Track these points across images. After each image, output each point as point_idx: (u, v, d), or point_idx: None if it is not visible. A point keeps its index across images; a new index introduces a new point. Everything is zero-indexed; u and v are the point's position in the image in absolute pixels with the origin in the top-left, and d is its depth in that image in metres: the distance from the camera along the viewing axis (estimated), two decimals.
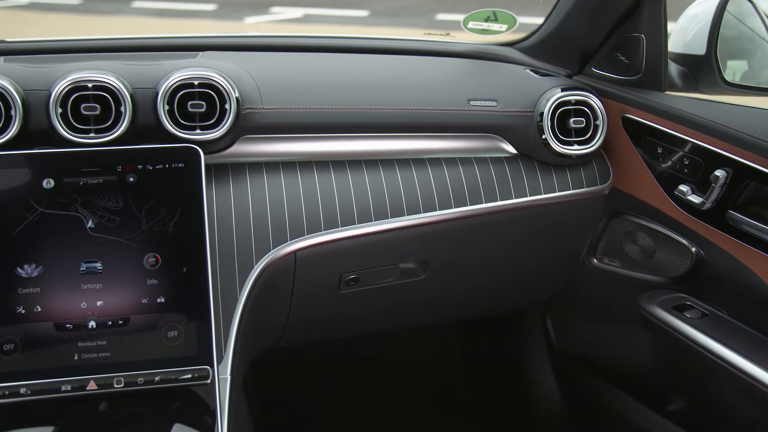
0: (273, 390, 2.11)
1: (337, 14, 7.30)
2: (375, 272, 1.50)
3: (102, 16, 7.34)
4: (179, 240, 1.24)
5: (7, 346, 1.17)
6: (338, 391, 2.24)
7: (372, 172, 1.45)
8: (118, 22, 7.15)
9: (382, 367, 2.28)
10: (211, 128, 1.34)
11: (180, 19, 7.23)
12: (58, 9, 7.48)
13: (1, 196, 1.23)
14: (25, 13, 7.09)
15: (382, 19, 7.19)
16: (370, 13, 7.37)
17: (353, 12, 7.35)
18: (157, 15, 7.34)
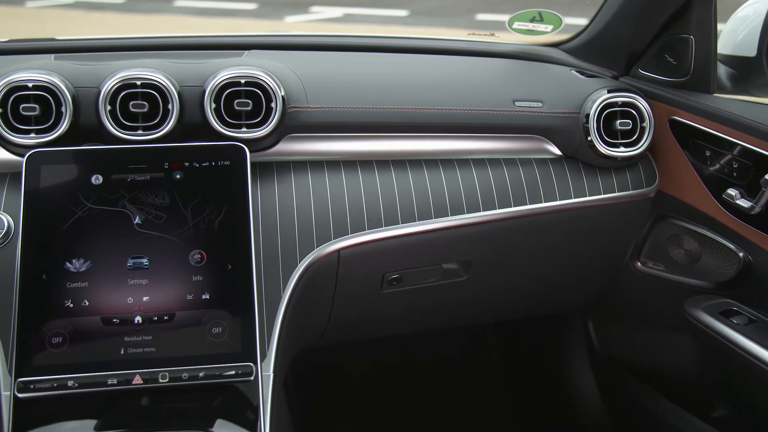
0: (310, 388, 2.11)
1: (376, 14, 7.31)
2: (417, 272, 1.50)
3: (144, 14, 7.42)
4: (224, 237, 1.25)
5: (56, 339, 1.18)
6: (374, 392, 2.24)
7: (416, 172, 1.44)
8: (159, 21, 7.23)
9: (419, 367, 2.27)
10: (257, 126, 1.35)
11: (221, 18, 7.29)
12: (102, 8, 7.58)
13: (52, 191, 1.25)
14: (70, 12, 7.20)
15: (422, 19, 7.18)
16: (410, 13, 7.36)
17: (393, 12, 7.35)
18: (198, 14, 7.41)
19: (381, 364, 2.25)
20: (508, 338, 2.29)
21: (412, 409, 2.22)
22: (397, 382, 2.26)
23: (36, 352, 1.17)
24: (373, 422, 2.18)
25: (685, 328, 1.47)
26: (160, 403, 1.21)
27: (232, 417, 1.21)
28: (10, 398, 1.16)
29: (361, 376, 2.26)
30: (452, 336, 2.25)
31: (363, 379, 2.26)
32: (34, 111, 1.30)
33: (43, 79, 1.30)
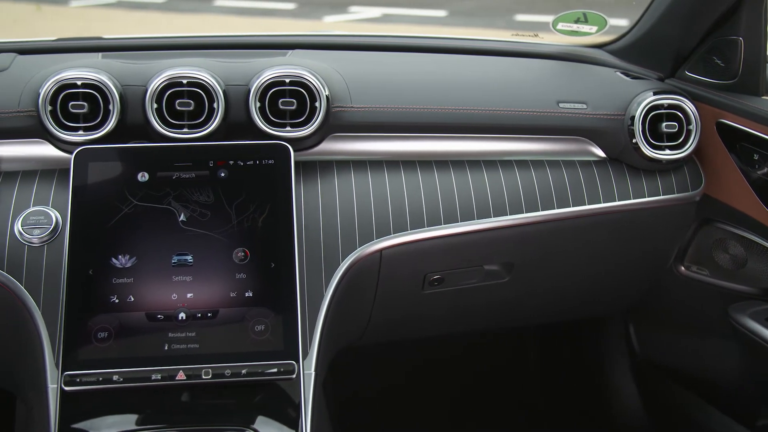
0: (349, 388, 2.12)
1: (415, 14, 7.30)
2: (459, 273, 1.49)
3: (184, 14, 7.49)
4: (268, 235, 1.26)
5: (102, 334, 1.20)
6: (409, 391, 2.24)
7: (459, 173, 1.44)
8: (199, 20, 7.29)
9: (454, 368, 2.27)
10: (301, 126, 1.36)
11: (260, 17, 7.33)
12: (143, 7, 7.67)
13: (99, 188, 1.27)
14: (113, 11, 7.29)
15: (460, 20, 7.16)
16: (448, 13, 7.34)
17: (431, 12, 7.34)
18: (238, 13, 7.46)
19: (416, 364, 2.25)
20: (547, 340, 2.27)
21: (446, 409, 2.22)
22: (432, 383, 2.25)
23: (82, 346, 1.19)
24: (406, 422, 2.18)
25: (730, 334, 1.45)
26: (201, 398, 1.22)
27: (273, 414, 1.21)
28: (57, 391, 1.18)
29: (396, 375, 2.26)
30: (489, 337, 2.24)
31: (398, 379, 2.26)
32: (82, 109, 1.32)
33: (91, 78, 1.32)
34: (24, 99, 1.34)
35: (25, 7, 6.94)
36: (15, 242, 1.28)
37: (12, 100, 1.35)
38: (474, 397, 2.25)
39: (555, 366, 2.25)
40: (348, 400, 2.08)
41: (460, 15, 7.25)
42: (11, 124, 1.34)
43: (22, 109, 1.34)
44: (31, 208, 1.30)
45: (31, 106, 1.33)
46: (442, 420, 2.19)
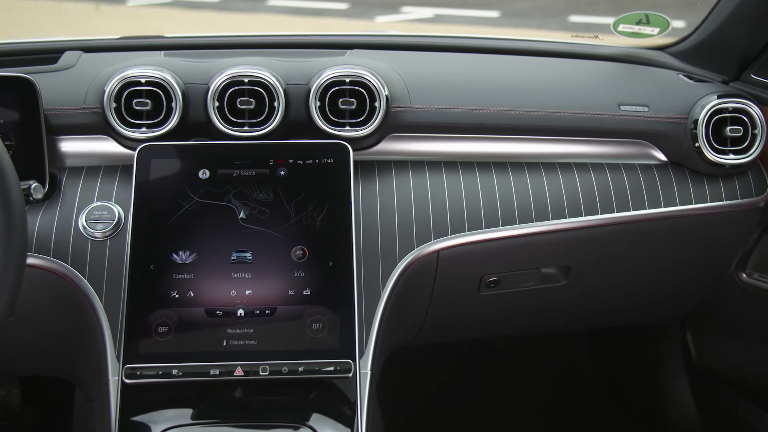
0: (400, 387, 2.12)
1: (467, 15, 7.28)
2: (516, 276, 1.48)
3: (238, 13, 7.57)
4: (326, 234, 1.27)
5: (162, 329, 1.22)
6: (461, 393, 2.23)
7: (517, 175, 1.43)
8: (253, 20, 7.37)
9: (508, 371, 2.25)
10: (361, 125, 1.36)
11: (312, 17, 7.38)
12: (198, 6, 7.77)
13: (161, 184, 1.28)
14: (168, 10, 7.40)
15: (513, 21, 7.12)
16: (501, 14, 7.31)
17: (483, 13, 7.31)
18: (290, 13, 7.51)
19: (467, 364, 2.24)
20: (601, 345, 2.24)
21: (495, 411, 2.20)
22: (482, 384, 2.24)
23: (143, 340, 1.21)
24: (455, 422, 2.18)
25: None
26: (255, 395, 1.23)
27: (329, 412, 1.22)
28: (118, 383, 1.20)
29: (446, 375, 2.25)
30: (542, 340, 2.22)
31: (447, 379, 2.25)
32: (146, 106, 1.34)
33: (155, 75, 1.34)
34: (89, 96, 1.37)
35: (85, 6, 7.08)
36: (79, 236, 1.30)
37: (78, 97, 1.37)
38: (524, 399, 2.23)
39: (608, 371, 2.23)
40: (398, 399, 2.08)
41: (512, 16, 7.20)
42: (77, 120, 1.37)
43: (88, 106, 1.36)
44: (95, 203, 1.33)
45: (96, 103, 1.36)
46: (490, 421, 2.18)
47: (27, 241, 1.10)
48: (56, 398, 2.03)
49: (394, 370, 1.56)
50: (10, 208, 1.07)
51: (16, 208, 1.07)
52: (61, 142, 1.38)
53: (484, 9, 7.38)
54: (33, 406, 2.02)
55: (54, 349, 1.45)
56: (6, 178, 1.07)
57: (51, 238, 1.29)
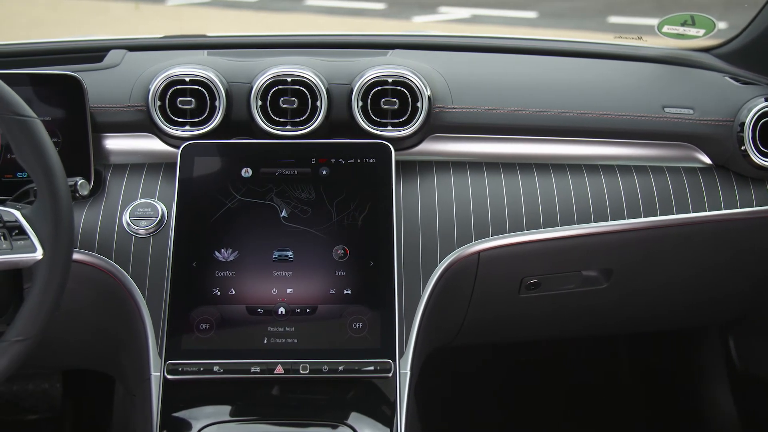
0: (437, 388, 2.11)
1: (504, 15, 7.24)
2: (556, 278, 1.47)
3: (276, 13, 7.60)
4: (367, 234, 1.27)
5: (203, 326, 1.23)
6: (499, 396, 2.22)
7: (559, 177, 1.42)
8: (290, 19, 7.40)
9: (545, 374, 2.24)
10: (403, 125, 1.36)
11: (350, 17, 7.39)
12: (236, 6, 7.82)
13: (204, 182, 1.30)
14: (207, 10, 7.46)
15: (551, 21, 7.07)
16: (539, 14, 7.26)
17: (521, 13, 7.27)
18: (328, 13, 7.53)
19: (505, 368, 2.23)
20: (640, 350, 2.22)
21: (533, 415, 2.19)
22: (521, 388, 2.23)
23: (185, 336, 1.22)
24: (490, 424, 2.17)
25: None
26: (294, 393, 1.24)
27: (368, 411, 1.22)
28: (160, 379, 1.21)
29: (485, 378, 2.24)
30: (580, 344, 2.20)
31: (482, 380, 2.24)
32: (190, 104, 1.35)
33: (199, 74, 1.35)
34: (134, 94, 1.38)
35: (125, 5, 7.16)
36: (123, 233, 1.32)
37: (123, 95, 1.39)
38: (560, 403, 2.21)
39: (646, 376, 2.20)
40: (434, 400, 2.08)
41: (550, 17, 7.15)
42: (122, 118, 1.38)
43: (133, 104, 1.38)
44: (139, 201, 1.34)
45: (140, 101, 1.37)
46: (526, 424, 2.17)
47: (73, 237, 1.12)
48: (97, 392, 2.05)
49: (432, 370, 1.56)
50: (58, 204, 1.08)
51: (63, 204, 1.09)
52: (106, 139, 1.40)
53: (521, 9, 7.34)
54: (74, 399, 2.05)
55: (97, 343, 1.47)
56: (54, 174, 1.09)
57: (96, 235, 1.31)
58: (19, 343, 1.06)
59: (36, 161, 1.08)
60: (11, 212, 1.10)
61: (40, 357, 1.11)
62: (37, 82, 1.35)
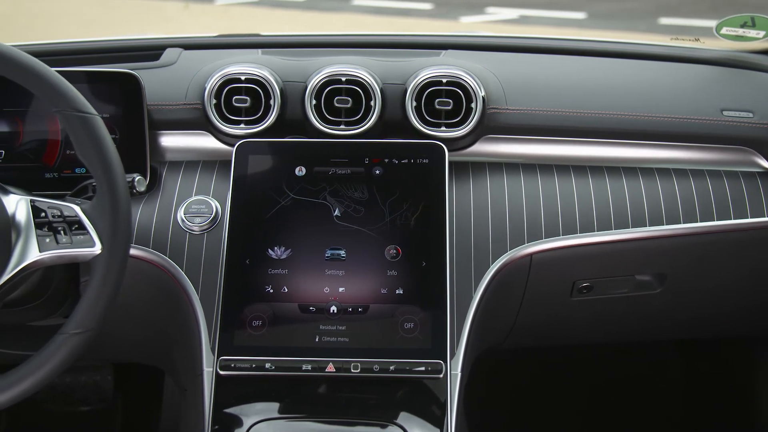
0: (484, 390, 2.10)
1: (553, 16, 7.18)
2: (609, 282, 1.45)
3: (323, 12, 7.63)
4: (420, 234, 1.27)
5: (256, 323, 1.23)
6: (545, 401, 2.20)
7: (614, 179, 1.40)
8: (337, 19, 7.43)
9: (592, 379, 2.21)
10: (456, 126, 1.36)
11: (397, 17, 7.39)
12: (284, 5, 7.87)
13: (258, 180, 1.31)
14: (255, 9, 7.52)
15: (600, 22, 6.99)
16: (587, 15, 7.19)
17: (569, 14, 7.20)
18: (375, 13, 7.54)
19: (553, 371, 2.21)
20: (692, 358, 2.18)
21: (579, 420, 2.17)
22: (568, 392, 2.21)
23: (237, 333, 1.23)
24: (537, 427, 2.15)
25: None
26: (343, 391, 1.24)
27: (418, 412, 1.22)
28: (212, 374, 1.22)
29: (532, 381, 2.22)
30: (630, 349, 2.17)
31: (533, 385, 2.23)
32: (245, 103, 1.36)
33: (254, 73, 1.36)
34: (190, 92, 1.40)
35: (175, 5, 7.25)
36: (177, 229, 1.33)
37: (179, 93, 1.41)
38: (607, 409, 2.19)
39: (698, 385, 2.16)
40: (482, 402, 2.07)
41: (600, 17, 7.08)
42: (178, 115, 1.40)
43: (189, 102, 1.40)
44: (193, 198, 1.35)
45: (196, 99, 1.39)
46: (573, 427, 2.15)
47: (131, 232, 1.13)
48: (146, 385, 2.08)
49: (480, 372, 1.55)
50: (117, 200, 1.10)
51: (121, 200, 1.10)
52: (161, 136, 1.42)
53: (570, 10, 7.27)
54: (124, 391, 2.08)
55: (150, 338, 1.49)
56: (113, 171, 1.10)
57: (151, 230, 1.33)
58: (77, 335, 1.08)
59: (96, 157, 1.10)
60: (71, 207, 1.12)
61: (94, 350, 1.12)
62: (96, 79, 1.37)
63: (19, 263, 1.10)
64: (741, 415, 1.98)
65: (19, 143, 1.37)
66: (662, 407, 2.18)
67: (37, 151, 1.37)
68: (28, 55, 1.11)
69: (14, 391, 1.07)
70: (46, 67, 1.11)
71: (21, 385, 1.07)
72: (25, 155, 1.38)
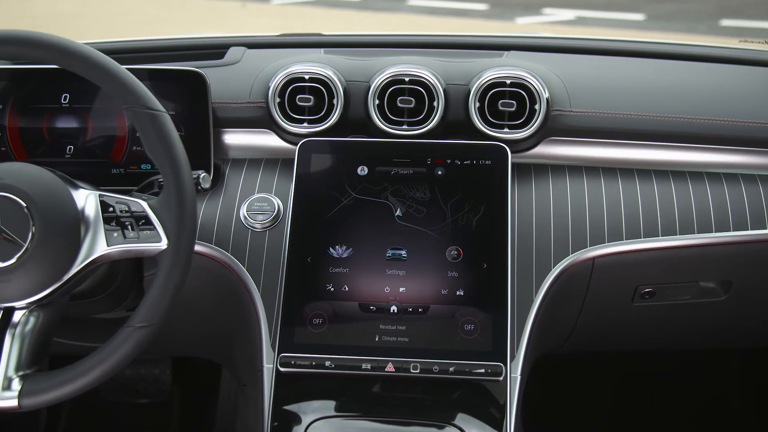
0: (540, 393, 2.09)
1: (610, 17, 7.10)
2: (673, 288, 1.43)
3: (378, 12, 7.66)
4: (481, 236, 1.26)
5: (317, 320, 1.24)
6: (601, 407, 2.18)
7: (679, 184, 1.38)
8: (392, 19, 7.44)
9: (650, 387, 2.18)
10: (519, 128, 1.35)
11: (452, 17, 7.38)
12: (340, 5, 7.91)
13: (320, 179, 1.31)
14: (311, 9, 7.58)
15: (659, 24, 6.89)
16: (646, 17, 7.09)
17: (628, 15, 7.11)
18: (430, 13, 7.54)
19: (610, 377, 2.18)
20: (754, 367, 2.13)
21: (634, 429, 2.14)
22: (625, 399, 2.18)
23: (298, 330, 1.24)
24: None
25: None
26: (400, 392, 1.23)
27: (476, 414, 1.21)
28: (272, 371, 1.23)
29: (587, 387, 2.20)
30: (689, 357, 2.13)
31: (588, 391, 2.20)
32: (308, 102, 1.37)
33: (318, 72, 1.37)
34: (254, 91, 1.41)
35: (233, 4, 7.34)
36: (240, 226, 1.34)
37: (243, 92, 1.42)
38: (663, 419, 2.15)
39: (760, 396, 2.12)
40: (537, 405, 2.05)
41: (659, 19, 6.98)
42: (242, 114, 1.41)
43: (253, 100, 1.41)
44: (256, 195, 1.36)
45: (260, 98, 1.40)
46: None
47: (196, 228, 1.15)
48: (203, 380, 2.11)
49: (537, 376, 1.54)
50: (183, 196, 1.11)
51: (188, 196, 1.12)
52: (225, 134, 1.43)
53: (628, 12, 7.18)
54: (182, 385, 2.11)
55: (210, 333, 1.51)
56: (180, 167, 1.12)
57: (214, 227, 1.34)
58: (142, 329, 1.10)
59: (164, 154, 1.11)
60: (139, 203, 1.14)
61: (155, 343, 1.14)
62: (163, 77, 1.39)
63: (87, 256, 1.12)
64: None
65: (87, 139, 1.40)
66: (720, 420, 2.14)
67: (105, 147, 1.40)
68: (100, 53, 1.13)
69: (82, 381, 1.09)
70: (117, 65, 1.13)
71: (88, 375, 1.09)
72: (93, 151, 1.40)
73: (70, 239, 1.11)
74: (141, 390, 2.09)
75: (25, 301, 1.11)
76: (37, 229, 1.09)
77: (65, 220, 1.11)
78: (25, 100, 1.40)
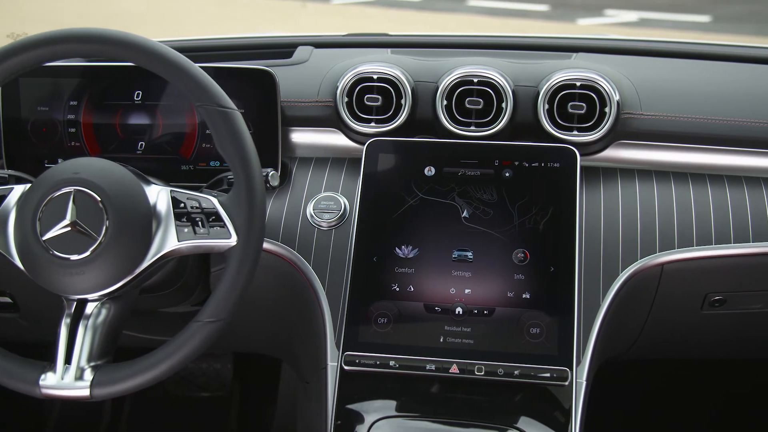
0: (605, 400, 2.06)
1: (675, 19, 6.97)
2: (744, 296, 1.40)
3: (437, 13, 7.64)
4: (549, 239, 1.25)
5: (381, 320, 1.24)
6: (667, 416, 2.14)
7: (753, 190, 1.35)
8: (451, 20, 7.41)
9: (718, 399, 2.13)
10: (589, 131, 1.33)
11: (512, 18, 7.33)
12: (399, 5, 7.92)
13: (387, 178, 1.31)
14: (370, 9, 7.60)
15: (726, 26, 6.74)
16: (713, 18, 6.94)
17: (693, 17, 6.98)
18: (489, 14, 7.49)
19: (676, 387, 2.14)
20: None
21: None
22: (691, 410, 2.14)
23: (362, 329, 1.24)
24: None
25: None
26: (463, 393, 1.23)
27: (539, 418, 1.20)
28: (336, 369, 1.24)
29: (652, 396, 2.16)
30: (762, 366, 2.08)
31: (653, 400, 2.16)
32: (376, 102, 1.37)
33: (387, 72, 1.37)
34: (323, 90, 1.42)
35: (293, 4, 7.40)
36: (306, 224, 1.35)
37: (311, 91, 1.43)
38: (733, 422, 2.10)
39: None
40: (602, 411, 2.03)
41: (726, 21, 6.83)
42: (309, 112, 1.42)
43: (321, 99, 1.42)
44: (322, 194, 1.37)
45: (328, 97, 1.41)
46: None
47: (265, 226, 1.16)
48: (264, 375, 2.13)
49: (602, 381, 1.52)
50: (253, 194, 1.12)
51: (257, 193, 1.13)
52: (293, 132, 1.44)
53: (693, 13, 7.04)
54: (242, 380, 2.14)
55: (274, 329, 1.52)
56: (251, 165, 1.13)
57: (280, 225, 1.35)
58: (211, 324, 1.11)
59: (234, 151, 1.13)
60: (209, 199, 1.15)
61: (221, 338, 1.15)
62: (232, 75, 1.41)
63: (158, 251, 1.14)
64: None
65: (158, 136, 1.43)
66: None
67: (175, 143, 1.42)
68: (174, 51, 1.15)
69: (151, 374, 1.11)
70: (190, 63, 1.15)
71: (157, 368, 1.11)
72: (163, 147, 1.43)
73: (143, 234, 1.13)
74: (202, 384, 2.12)
75: (97, 294, 1.13)
76: (111, 223, 1.11)
77: (138, 215, 1.13)
78: (100, 97, 1.43)
